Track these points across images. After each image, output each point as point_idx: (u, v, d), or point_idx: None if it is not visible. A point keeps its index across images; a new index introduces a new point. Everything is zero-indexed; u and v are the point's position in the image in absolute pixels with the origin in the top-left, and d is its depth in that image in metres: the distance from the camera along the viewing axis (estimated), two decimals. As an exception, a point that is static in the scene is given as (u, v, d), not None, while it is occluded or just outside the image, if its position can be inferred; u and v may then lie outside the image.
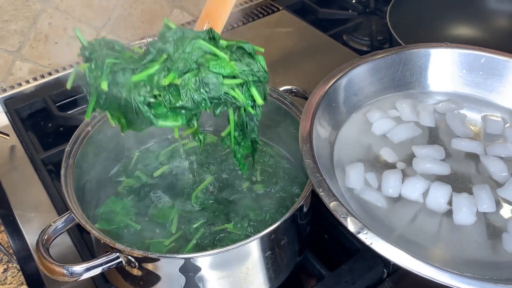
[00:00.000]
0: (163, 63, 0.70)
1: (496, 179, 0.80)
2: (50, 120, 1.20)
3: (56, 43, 1.27)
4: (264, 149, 0.97)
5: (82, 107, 1.22)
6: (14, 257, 0.88)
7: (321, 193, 0.69)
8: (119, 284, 0.81)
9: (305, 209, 0.80)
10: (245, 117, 0.78)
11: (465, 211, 0.73)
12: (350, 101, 0.90)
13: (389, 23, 1.26)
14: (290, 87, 0.97)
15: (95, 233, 0.71)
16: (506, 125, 0.88)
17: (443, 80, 0.95)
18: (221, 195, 0.89)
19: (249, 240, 0.70)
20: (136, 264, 0.72)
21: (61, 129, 1.19)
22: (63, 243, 0.89)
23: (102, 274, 0.79)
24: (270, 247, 0.75)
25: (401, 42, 1.16)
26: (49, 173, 1.04)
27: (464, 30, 1.41)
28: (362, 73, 0.91)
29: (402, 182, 0.78)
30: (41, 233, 0.73)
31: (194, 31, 0.74)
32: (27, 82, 1.26)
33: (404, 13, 1.34)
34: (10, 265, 0.87)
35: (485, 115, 0.90)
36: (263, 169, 0.93)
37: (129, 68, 0.70)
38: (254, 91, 0.73)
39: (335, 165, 0.81)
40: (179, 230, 0.83)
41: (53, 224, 0.74)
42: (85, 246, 0.89)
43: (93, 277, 0.82)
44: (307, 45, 1.36)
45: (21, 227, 0.93)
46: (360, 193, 0.77)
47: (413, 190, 0.77)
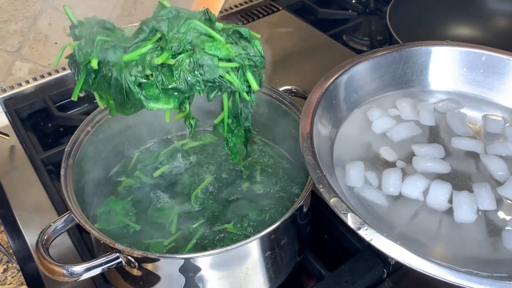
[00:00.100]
0: (156, 43, 0.67)
1: (496, 177, 0.80)
2: (50, 120, 1.20)
3: (56, 43, 1.27)
4: (264, 149, 0.97)
5: (82, 107, 1.22)
6: (14, 257, 0.88)
7: (321, 189, 0.68)
8: (119, 284, 0.81)
9: (305, 209, 0.80)
10: (239, 103, 0.76)
11: (466, 208, 0.73)
12: (351, 98, 0.90)
13: (389, 23, 1.26)
14: (290, 87, 0.97)
15: (94, 233, 0.71)
16: (506, 124, 0.88)
17: (443, 78, 0.94)
18: (221, 195, 0.89)
19: (249, 240, 0.70)
20: (136, 264, 0.72)
21: (61, 129, 1.19)
22: (63, 243, 0.89)
23: (102, 274, 0.79)
24: (270, 247, 0.75)
25: (400, 42, 1.16)
26: (49, 173, 1.04)
27: (464, 30, 1.41)
28: (363, 70, 0.91)
29: (402, 181, 0.78)
30: (41, 233, 0.73)
31: (189, 10, 0.71)
32: (27, 82, 1.26)
33: (404, 13, 1.34)
34: (10, 265, 0.87)
35: (485, 114, 0.90)
36: (263, 169, 0.93)
37: (121, 46, 0.68)
38: (249, 75, 0.71)
39: (335, 163, 0.81)
40: (178, 230, 0.83)
41: (53, 224, 0.74)
42: (84, 246, 0.89)
43: (93, 277, 0.82)
44: (307, 45, 1.36)
45: (21, 227, 0.93)
46: (361, 191, 0.77)
47: (413, 188, 0.77)
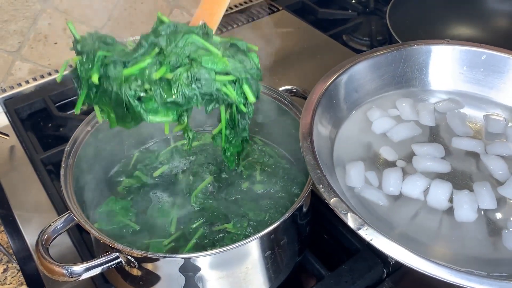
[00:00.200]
0: (155, 57, 0.69)
1: (497, 177, 0.80)
2: (49, 120, 1.20)
3: (55, 43, 1.27)
4: (264, 149, 0.97)
5: (82, 107, 1.22)
6: (14, 257, 0.88)
7: (321, 189, 0.68)
8: (118, 284, 0.81)
9: (304, 209, 0.80)
10: (236, 115, 0.77)
11: (466, 207, 0.73)
12: (351, 97, 0.90)
13: (388, 23, 1.26)
14: (290, 87, 0.97)
15: (94, 233, 0.71)
16: (509, 124, 0.88)
17: (443, 77, 0.94)
18: (220, 195, 0.88)
19: (248, 240, 0.70)
20: (136, 264, 0.72)
21: (61, 129, 1.19)
22: (62, 243, 0.89)
23: (101, 274, 0.79)
24: (270, 247, 0.75)
25: (400, 42, 1.16)
26: (49, 173, 1.04)
27: (464, 30, 1.41)
28: (363, 69, 0.91)
29: (403, 180, 0.78)
30: (40, 233, 0.73)
31: (187, 25, 0.73)
32: (27, 82, 1.26)
33: (404, 13, 1.34)
34: (10, 265, 0.87)
35: (487, 114, 0.90)
36: (262, 169, 0.92)
37: (121, 61, 0.69)
38: (246, 88, 0.71)
39: (335, 163, 0.81)
40: (178, 230, 0.83)
41: (52, 224, 0.74)
42: (84, 246, 0.89)
43: (92, 277, 0.82)
44: (307, 45, 1.36)
45: (20, 227, 0.93)
46: (361, 191, 0.77)
47: (414, 188, 0.77)
